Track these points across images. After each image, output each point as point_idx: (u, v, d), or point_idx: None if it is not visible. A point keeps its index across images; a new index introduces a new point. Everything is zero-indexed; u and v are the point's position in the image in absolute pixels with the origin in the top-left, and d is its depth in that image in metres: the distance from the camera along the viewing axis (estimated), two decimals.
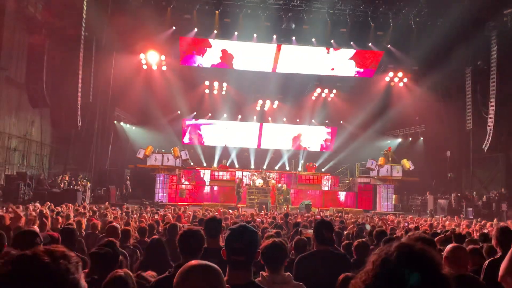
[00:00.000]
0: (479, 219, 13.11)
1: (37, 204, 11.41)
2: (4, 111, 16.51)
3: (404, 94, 23.32)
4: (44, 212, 8.92)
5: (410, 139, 25.10)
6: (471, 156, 21.20)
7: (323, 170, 25.33)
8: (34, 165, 18.90)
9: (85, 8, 17.31)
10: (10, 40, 15.80)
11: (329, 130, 27.29)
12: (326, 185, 23.39)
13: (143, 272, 2.80)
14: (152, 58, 21.68)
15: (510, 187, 19.21)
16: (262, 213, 14.11)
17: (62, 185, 17.45)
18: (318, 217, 10.78)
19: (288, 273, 2.88)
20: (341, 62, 22.28)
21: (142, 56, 21.36)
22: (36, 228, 5.04)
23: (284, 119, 26.70)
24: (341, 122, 26.48)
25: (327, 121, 27.23)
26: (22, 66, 17.26)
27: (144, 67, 21.97)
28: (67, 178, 18.20)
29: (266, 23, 20.17)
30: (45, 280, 1.04)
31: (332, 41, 21.25)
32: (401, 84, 23.37)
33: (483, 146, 19.07)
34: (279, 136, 26.79)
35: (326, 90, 25.45)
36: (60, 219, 7.91)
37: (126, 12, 18.72)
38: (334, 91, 25.43)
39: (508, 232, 3.75)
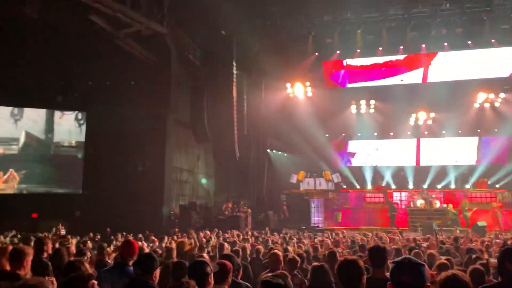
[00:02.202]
0: None
1: (207, 232, 12.50)
2: (175, 148, 18.85)
3: None
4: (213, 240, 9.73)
5: None
6: None
7: (497, 186, 22.08)
8: (201, 195, 21.00)
9: (234, 48, 18.97)
10: (176, 86, 18.12)
11: (502, 139, 23.65)
12: (502, 202, 20.34)
13: None
14: (298, 86, 22.38)
15: None
16: (423, 236, 12.94)
17: (226, 213, 18.89)
18: (499, 241, 9.37)
19: None
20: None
21: (288, 85, 22.24)
22: (206, 256, 5.46)
23: (444, 132, 24.21)
24: None
25: (496, 130, 23.73)
26: (187, 107, 19.61)
27: (291, 95, 22.76)
28: (230, 206, 19.66)
29: (413, 33, 19.12)
30: None
31: (492, 40, 18.92)
32: None
33: None
34: (441, 151, 24.38)
35: (491, 95, 22.40)
36: (226, 245, 8.52)
37: (271, 47, 19.78)
38: (503, 95, 22.18)
39: None
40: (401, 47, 19.70)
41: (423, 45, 19.70)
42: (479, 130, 23.78)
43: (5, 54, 14.18)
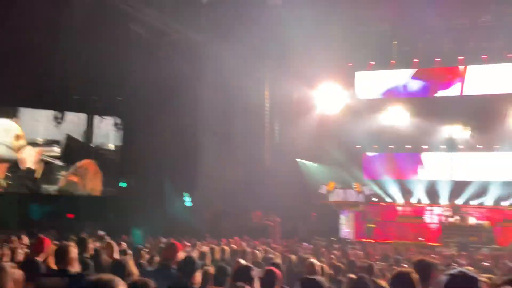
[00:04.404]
0: None
1: (237, 239, 12.53)
2: (206, 155, 19.04)
3: None
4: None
5: None
6: None
7: None
8: (230, 202, 21.07)
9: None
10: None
11: None
12: None
13: None
14: (328, 95, 22.23)
15: None
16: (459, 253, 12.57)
17: (255, 221, 18.91)
18: None
19: None
20: None
21: (317, 94, 22.12)
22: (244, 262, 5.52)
23: (480, 146, 23.41)
24: None
25: None
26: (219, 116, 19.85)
27: (320, 104, 22.57)
28: (259, 214, 19.67)
29: (449, 45, 18.80)
30: None
31: None
32: None
33: None
34: (476, 166, 23.59)
35: None
36: (258, 254, 8.56)
37: (303, 51, 19.69)
38: None
39: None
40: (438, 59, 19.35)
41: (461, 58, 19.29)
42: None
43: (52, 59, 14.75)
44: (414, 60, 19.60)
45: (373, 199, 22.37)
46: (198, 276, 3.69)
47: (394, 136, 24.32)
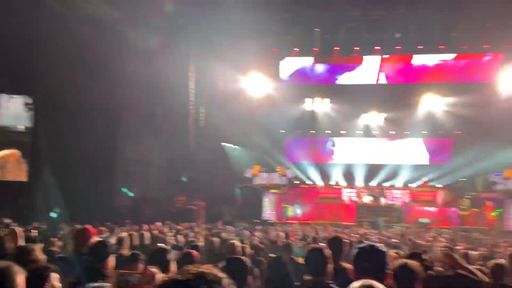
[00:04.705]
0: None
1: (159, 223, 12.28)
2: (127, 138, 18.31)
3: None
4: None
5: None
6: None
7: (439, 185, 23.34)
8: (153, 186, 20.55)
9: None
10: (131, 75, 17.55)
11: (443, 141, 25.12)
12: (442, 201, 21.58)
13: None
14: (254, 79, 22.41)
15: None
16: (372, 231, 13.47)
17: (178, 205, 18.67)
18: (442, 239, 9.96)
19: None
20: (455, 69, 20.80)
21: (244, 78, 22.21)
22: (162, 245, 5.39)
23: (393, 132, 25.22)
24: (458, 131, 24.15)
25: (440, 132, 25.02)
26: (142, 96, 19.10)
27: (246, 90, 22.73)
28: (182, 199, 19.43)
29: (368, 35, 19.78)
30: None
31: (441, 46, 19.96)
32: None
33: None
34: (388, 150, 25.42)
35: (437, 99, 23.56)
36: (181, 238, 8.45)
37: (229, 38, 19.62)
38: (449, 99, 23.35)
39: None
40: (357, 48, 20.28)
41: (377, 48, 20.40)
42: (425, 132, 25.00)
43: None
44: (335, 48, 20.36)
45: (295, 182, 23.16)
46: (111, 261, 3.52)
47: (315, 121, 25.30)
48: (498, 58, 19.89)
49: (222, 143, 23.40)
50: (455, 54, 20.44)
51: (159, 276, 1.75)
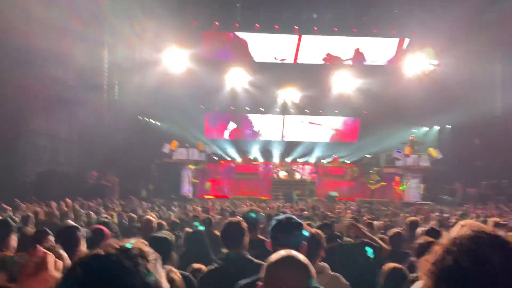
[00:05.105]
0: None
1: (68, 200, 11.63)
2: (34, 109, 16.86)
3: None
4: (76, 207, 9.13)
5: (438, 127, 24.47)
6: None
7: (348, 161, 24.95)
8: (62, 161, 19.30)
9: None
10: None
11: (352, 120, 26.78)
12: (351, 176, 23.15)
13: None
14: (174, 54, 21.77)
15: None
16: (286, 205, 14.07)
17: (91, 181, 17.79)
18: (349, 211, 10.68)
19: (324, 263, 2.86)
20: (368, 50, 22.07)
21: (162, 53, 21.46)
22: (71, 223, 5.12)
23: (307, 110, 26.23)
24: (365, 111, 25.80)
25: (350, 111, 26.53)
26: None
27: (165, 63, 22.03)
28: (95, 175, 18.53)
29: (288, 14, 20.10)
30: (123, 285, 0.86)
31: (354, 29, 20.97)
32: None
33: None
34: (303, 128, 26.48)
35: (350, 80, 24.83)
36: (93, 215, 8.10)
37: (147, 12, 18.76)
38: (361, 80, 24.74)
39: None
40: (277, 26, 20.54)
41: (296, 27, 20.85)
42: (337, 111, 26.34)
43: None
44: (256, 24, 20.43)
45: (214, 157, 23.21)
46: (13, 240, 3.27)
47: (235, 98, 25.39)
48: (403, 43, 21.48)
49: (138, 116, 22.57)
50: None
51: (51, 258, 1.63)
